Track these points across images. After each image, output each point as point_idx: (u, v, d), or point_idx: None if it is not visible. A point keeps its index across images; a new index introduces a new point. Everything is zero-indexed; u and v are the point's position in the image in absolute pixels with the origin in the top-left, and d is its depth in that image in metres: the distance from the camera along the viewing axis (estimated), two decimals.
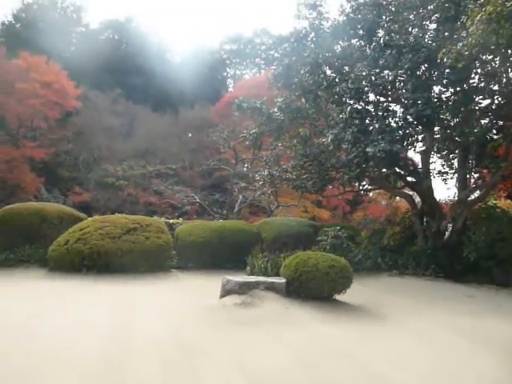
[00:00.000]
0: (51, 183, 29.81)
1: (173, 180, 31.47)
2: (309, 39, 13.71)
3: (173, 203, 27.65)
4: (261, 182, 16.60)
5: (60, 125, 32.09)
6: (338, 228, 12.87)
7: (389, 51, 11.95)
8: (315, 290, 7.79)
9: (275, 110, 14.55)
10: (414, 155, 16.66)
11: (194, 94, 42.43)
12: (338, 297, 8.15)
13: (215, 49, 56.54)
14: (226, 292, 7.74)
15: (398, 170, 14.05)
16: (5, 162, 27.03)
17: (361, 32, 13.24)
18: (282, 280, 8.07)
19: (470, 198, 13.71)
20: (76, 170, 32.46)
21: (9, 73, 27.00)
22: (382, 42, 12.51)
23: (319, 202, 26.52)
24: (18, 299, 7.76)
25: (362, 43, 13.45)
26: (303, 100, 14.47)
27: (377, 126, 11.70)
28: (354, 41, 13.71)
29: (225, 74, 56.91)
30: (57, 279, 9.86)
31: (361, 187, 16.48)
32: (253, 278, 8.23)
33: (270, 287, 7.89)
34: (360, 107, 12.49)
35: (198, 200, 26.17)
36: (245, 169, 28.50)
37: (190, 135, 38.36)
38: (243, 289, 7.70)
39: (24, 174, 27.84)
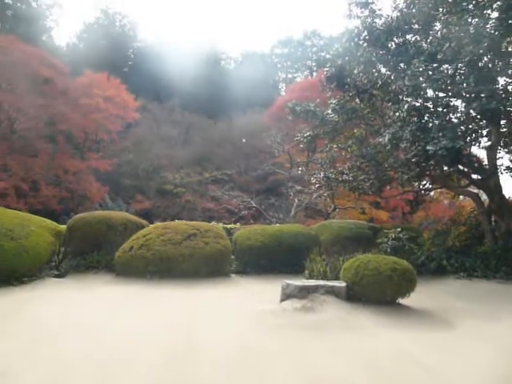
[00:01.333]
0: (115, 192, 31.32)
1: (228, 185, 31.97)
2: (361, 38, 13.46)
3: (229, 208, 28.10)
4: (317, 185, 16.45)
5: (121, 136, 33.75)
6: (399, 229, 12.46)
7: (447, 44, 11.47)
8: (377, 293, 7.60)
9: (329, 111, 14.41)
10: (479, 151, 15.83)
11: (247, 100, 42.99)
12: (401, 301, 7.89)
13: (266, 53, 56.98)
14: (285, 296, 7.74)
15: (461, 167, 13.38)
16: (73, 174, 28.80)
17: (416, 26, 12.82)
18: (342, 284, 7.95)
19: None
20: (137, 179, 33.89)
21: (74, 90, 28.81)
22: (439, 35, 12.03)
23: (377, 203, 25.88)
24: (92, 303, 8.22)
25: (418, 38, 13.01)
26: (357, 100, 14.22)
27: (437, 122, 11.22)
28: (408, 36, 13.30)
29: (276, 78, 57.16)
30: (123, 284, 10.30)
31: (421, 187, 15.89)
32: (312, 282, 8.17)
33: (330, 291, 7.79)
34: (418, 104, 12.06)
35: (254, 205, 26.40)
36: (299, 172, 28.39)
37: (243, 141, 38.86)
38: (303, 293, 7.66)
39: (90, 185, 29.53)
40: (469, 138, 12.41)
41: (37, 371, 4.65)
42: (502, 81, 12.00)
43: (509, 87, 12.01)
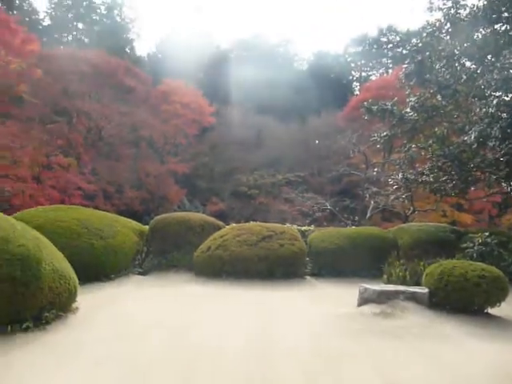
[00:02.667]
0: (192, 194, 32.53)
1: (302, 187, 31.84)
2: (443, 31, 12.79)
3: (303, 210, 27.99)
4: (394, 187, 15.88)
5: (197, 140, 35.02)
6: (487, 234, 11.62)
7: None
8: (464, 301, 7.15)
9: (408, 110, 13.83)
10: None
11: (320, 101, 42.59)
12: (490, 310, 7.36)
13: (340, 53, 56.08)
14: (363, 300, 7.55)
15: None
16: (153, 177, 30.38)
17: (505, 15, 11.90)
18: (425, 290, 7.58)
19: None
20: (212, 181, 34.92)
21: (155, 97, 30.43)
22: None
23: (460, 205, 24.39)
24: (173, 300, 8.61)
25: (508, 27, 12.06)
26: (439, 97, 13.50)
27: None
28: (497, 26, 12.37)
29: (350, 77, 55.99)
30: (201, 283, 10.66)
31: (511, 188, 14.70)
32: (392, 287, 7.88)
33: (411, 297, 7.46)
34: (508, 99, 11.19)
35: (328, 207, 26.06)
36: (375, 173, 27.55)
37: (316, 142, 38.51)
38: (381, 298, 7.42)
39: (169, 187, 30.99)
40: None
41: (123, 365, 4.94)
42: None
43: None
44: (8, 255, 5.93)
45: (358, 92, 49.43)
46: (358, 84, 55.03)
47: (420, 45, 13.56)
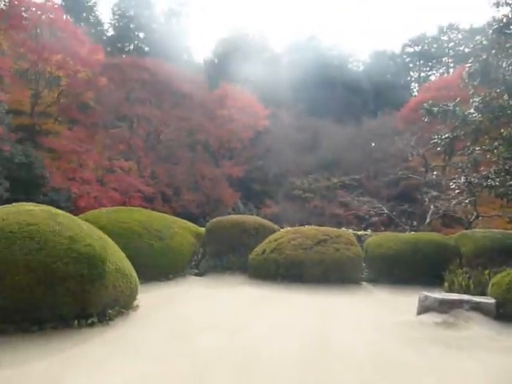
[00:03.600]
0: (246, 197, 32.85)
1: (357, 191, 31.20)
2: None
3: (358, 214, 27.42)
4: (456, 191, 15.16)
5: (252, 143, 35.34)
6: None
7: None
8: None
9: (471, 110, 13.15)
10: None
11: (376, 102, 41.67)
12: None
13: (396, 53, 54.51)
14: (423, 309, 7.26)
15: None
16: (209, 180, 31.05)
17: None
18: (491, 300, 7.16)
19: None
20: (266, 184, 35.08)
21: (211, 102, 31.12)
22: None
23: None
24: (227, 301, 8.73)
25: None
26: (506, 97, 12.72)
27: None
28: None
29: (408, 78, 54.26)
30: (256, 285, 10.71)
31: None
32: (455, 296, 7.51)
33: (476, 307, 7.08)
34: None
35: (385, 211, 25.34)
36: (434, 176, 26.44)
37: (372, 144, 37.63)
38: (444, 307, 7.09)
39: (224, 190, 31.52)
40: None
41: (181, 363, 5.07)
42: None
43: None
44: (75, 254, 6.29)
45: (416, 93, 47.81)
46: (416, 85, 53.24)
47: (485, 42, 12.89)
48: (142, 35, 49.79)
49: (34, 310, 5.91)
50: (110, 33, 49.21)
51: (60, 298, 6.02)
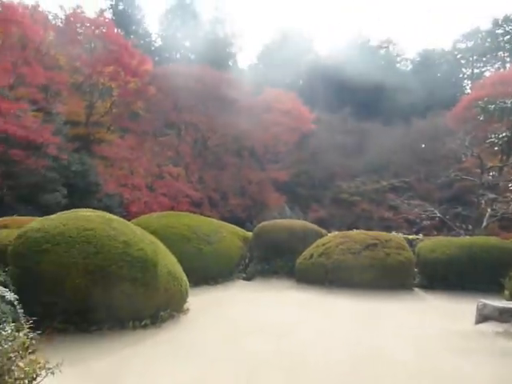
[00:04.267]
0: (292, 201, 32.72)
1: (407, 194, 30.26)
2: None
3: (408, 218, 26.58)
4: None
5: (297, 147, 35.19)
6: None
7: None
8: None
9: None
10: None
11: (426, 102, 40.33)
12: None
13: (447, 50, 52.55)
14: (482, 318, 6.92)
15: None
16: (255, 184, 31.24)
17: None
18: None
19: None
20: (313, 188, 34.79)
21: (256, 107, 31.34)
22: None
23: None
24: (275, 305, 8.73)
25: None
26: None
27: None
28: None
29: (460, 75, 52.11)
30: (303, 290, 10.65)
31: None
32: None
33: None
34: None
35: (437, 214, 24.38)
36: (490, 177, 25.15)
37: (423, 146, 36.42)
38: (505, 316, 6.73)
39: (270, 194, 31.60)
40: None
41: (231, 365, 5.11)
42: None
43: None
44: (129, 258, 6.52)
45: (469, 90, 45.86)
46: (469, 82, 51.01)
47: None
48: (187, 44, 50.97)
49: (92, 312, 6.18)
50: (158, 43, 50.75)
51: (116, 300, 6.27)
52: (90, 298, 6.10)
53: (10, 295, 5.34)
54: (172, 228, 10.96)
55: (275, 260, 12.26)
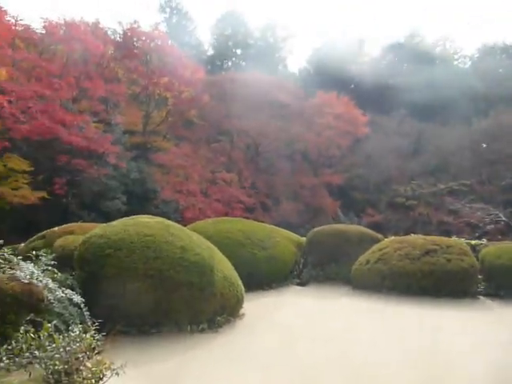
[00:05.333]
0: (346, 206, 32.15)
1: (468, 197, 28.80)
2: None
3: (470, 222, 25.26)
4: None
5: (351, 151, 34.61)
6: None
7: None
8: None
9: None
10: None
11: (487, 100, 38.32)
12: None
13: (510, 44, 49.67)
14: None
15: None
16: (308, 189, 31.04)
17: None
18: None
19: None
20: (367, 192, 34.00)
21: (308, 111, 31.22)
22: None
23: None
24: (330, 312, 8.58)
25: None
26: None
27: None
28: None
29: None
30: (359, 297, 10.39)
31: None
32: None
33: None
34: None
35: (503, 218, 23.00)
36: None
37: (484, 146, 34.55)
38: None
39: (323, 199, 31.26)
40: None
41: (290, 371, 5.07)
42: None
43: None
44: (186, 262, 6.67)
45: None
46: None
47: None
48: (238, 51, 51.78)
49: (152, 315, 6.38)
50: (210, 52, 51.93)
51: (174, 303, 6.43)
52: (150, 302, 6.30)
53: (77, 298, 5.63)
54: (227, 233, 11.11)
55: (330, 266, 12.08)
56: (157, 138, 30.82)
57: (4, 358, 4.02)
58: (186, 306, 6.55)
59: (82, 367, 3.93)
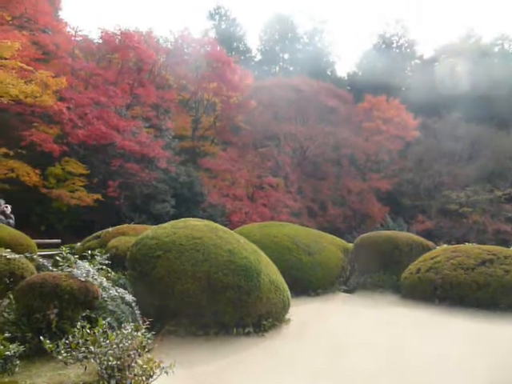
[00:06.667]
0: (395, 212, 31.31)
1: None
2: None
3: None
4: None
5: (401, 155, 33.71)
6: None
7: None
8: None
9: None
10: None
11: None
12: None
13: None
14: None
15: None
16: (356, 194, 30.52)
17: None
18: None
19: None
20: (418, 198, 32.94)
21: (356, 115, 30.77)
22: None
23: None
24: (378, 321, 8.35)
25: None
26: None
27: None
28: None
29: None
30: (409, 307, 10.02)
31: None
32: None
33: None
34: None
35: None
36: None
37: None
38: None
39: (371, 204, 30.62)
40: None
41: (339, 380, 4.99)
42: None
43: None
44: (234, 266, 6.74)
45: None
46: None
47: None
48: (286, 56, 51.89)
49: (199, 316, 6.49)
50: (258, 57, 52.36)
51: (221, 306, 6.51)
52: (198, 303, 6.42)
53: (129, 297, 5.83)
54: (273, 238, 11.12)
55: (378, 273, 11.77)
56: (205, 143, 31.45)
57: (62, 351, 4.22)
58: (233, 308, 6.60)
59: (133, 364, 4.06)
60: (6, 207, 9.76)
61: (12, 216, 9.86)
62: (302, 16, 72.00)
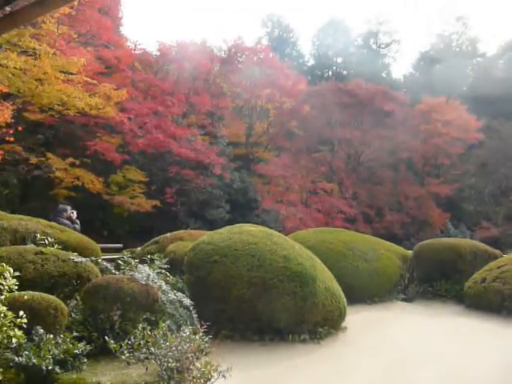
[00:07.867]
0: (456, 218, 29.89)
1: None
2: None
3: None
4: None
5: (462, 159, 32.17)
6: None
7: None
8: None
9: None
10: None
11: None
12: None
13: None
14: None
15: None
16: (413, 200, 29.45)
17: None
18: None
19: None
20: (481, 204, 31.23)
21: (413, 118, 29.76)
22: None
23: None
24: (440, 332, 7.99)
25: None
26: None
27: None
28: None
29: None
30: (474, 317, 9.52)
31: None
32: None
33: None
34: None
35: None
36: None
37: None
38: None
39: (430, 210, 29.39)
40: None
41: None
42: None
43: None
44: (289, 272, 6.73)
45: None
46: None
47: None
48: (339, 60, 51.21)
49: (255, 322, 6.52)
50: (310, 62, 52.11)
51: (276, 312, 6.51)
52: (253, 309, 6.45)
53: (187, 301, 5.98)
54: (328, 244, 10.97)
55: (439, 282, 11.28)
56: (258, 149, 31.70)
57: (125, 352, 4.40)
58: (288, 315, 6.58)
59: (191, 366, 4.16)
60: (73, 213, 10.31)
61: (78, 221, 10.40)
62: (356, 19, 70.99)
